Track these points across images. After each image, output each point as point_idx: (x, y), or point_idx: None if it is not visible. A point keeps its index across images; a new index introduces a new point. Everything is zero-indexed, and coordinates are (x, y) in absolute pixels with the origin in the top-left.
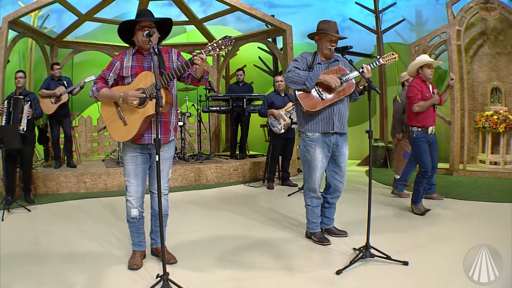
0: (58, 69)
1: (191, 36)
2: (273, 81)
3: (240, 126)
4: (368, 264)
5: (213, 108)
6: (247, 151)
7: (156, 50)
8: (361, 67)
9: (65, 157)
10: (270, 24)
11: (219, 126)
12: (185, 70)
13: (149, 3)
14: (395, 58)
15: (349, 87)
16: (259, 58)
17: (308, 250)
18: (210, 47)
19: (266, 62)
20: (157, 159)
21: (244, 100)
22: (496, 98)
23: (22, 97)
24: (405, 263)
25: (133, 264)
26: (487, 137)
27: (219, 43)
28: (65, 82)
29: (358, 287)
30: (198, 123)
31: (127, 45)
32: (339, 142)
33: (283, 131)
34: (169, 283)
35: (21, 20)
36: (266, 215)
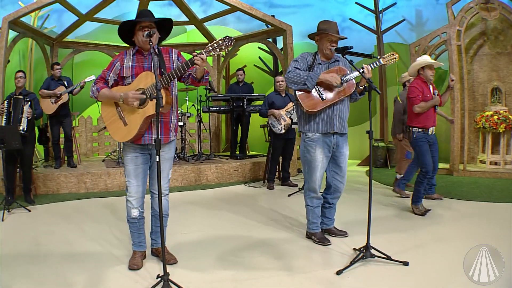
0: (59, 69)
1: (191, 36)
2: (273, 81)
3: (240, 126)
4: (368, 265)
5: (213, 108)
6: (247, 151)
7: (156, 50)
8: (362, 67)
9: (66, 157)
10: (270, 24)
11: (219, 126)
12: (186, 71)
13: (149, 3)
14: (395, 58)
15: (349, 88)
16: (259, 58)
17: (308, 251)
18: (211, 48)
19: (266, 62)
20: (158, 159)
21: (244, 100)
22: (496, 98)
23: (22, 97)
24: (406, 264)
25: (134, 264)
26: (487, 137)
27: (220, 43)
28: (65, 82)
29: (358, 287)
30: (198, 123)
31: (127, 45)
32: (339, 142)
33: (283, 131)
34: (170, 283)
35: (21, 20)
36: (266, 215)
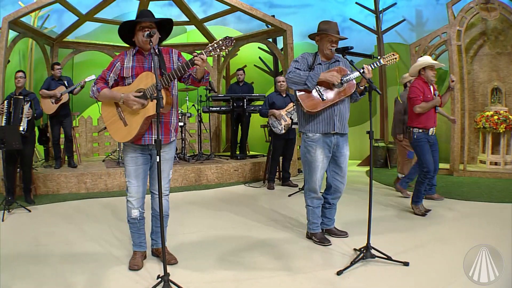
0: (59, 69)
1: (192, 36)
2: (273, 81)
3: (241, 126)
4: (368, 265)
5: (213, 109)
6: (248, 152)
7: (156, 50)
8: (362, 67)
9: (66, 157)
10: (270, 24)
11: (219, 127)
12: (186, 71)
13: (150, 3)
14: (395, 58)
15: (350, 88)
16: (259, 58)
17: (308, 251)
18: (211, 48)
19: (267, 62)
20: (158, 159)
21: (245, 100)
22: (497, 99)
23: (22, 97)
24: (406, 264)
25: (134, 264)
26: (488, 137)
27: (220, 43)
28: (65, 82)
29: (359, 287)
30: (198, 124)
31: (128, 45)
32: (339, 142)
33: (283, 131)
34: (170, 283)
35: (21, 20)
36: (266, 216)
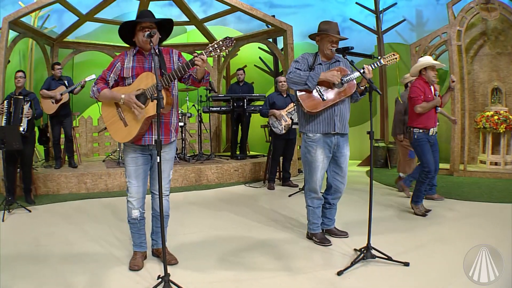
0: (59, 69)
1: (192, 36)
2: (273, 81)
3: (241, 126)
4: (369, 265)
5: (213, 109)
6: (248, 152)
7: (156, 50)
8: (362, 67)
9: (66, 158)
10: (270, 24)
11: (219, 127)
12: (186, 71)
13: (150, 3)
14: (396, 58)
15: (350, 88)
16: (259, 58)
17: (309, 251)
18: (211, 48)
19: (267, 62)
20: (158, 160)
21: (245, 100)
22: (497, 99)
23: (22, 97)
24: (406, 264)
25: (134, 265)
26: (488, 137)
27: (220, 44)
28: (66, 82)
29: (359, 287)
30: (198, 124)
31: (128, 45)
32: (340, 142)
33: (283, 131)
34: (170, 284)
35: (21, 20)
36: (266, 216)
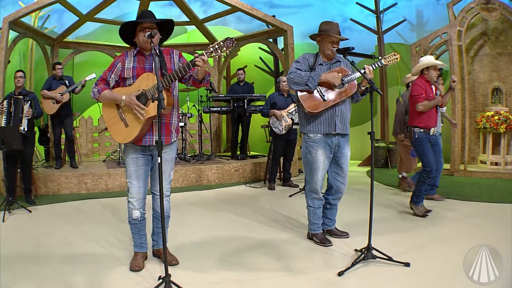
0: (60, 69)
1: (192, 36)
2: (274, 81)
3: (241, 126)
4: (369, 266)
5: (214, 109)
6: (248, 152)
7: (157, 51)
8: (363, 68)
9: (66, 158)
10: (271, 24)
11: (220, 127)
12: (187, 72)
13: (150, 4)
14: (396, 58)
15: (351, 88)
16: (260, 58)
17: (309, 252)
18: (212, 49)
19: (267, 62)
20: (159, 161)
21: (245, 100)
22: (497, 99)
23: (22, 97)
24: (407, 265)
25: (135, 265)
26: (488, 137)
27: (221, 44)
28: (66, 82)
29: None
30: (199, 124)
31: (128, 45)
32: (341, 143)
33: (284, 132)
34: (171, 284)
35: (21, 20)
36: (267, 216)
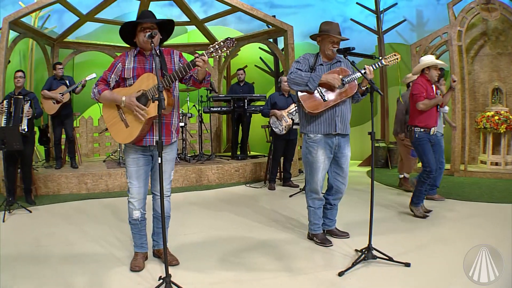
0: (61, 69)
1: (192, 36)
2: (274, 81)
3: (241, 126)
4: (370, 266)
5: (214, 109)
6: (248, 152)
7: (157, 51)
8: (364, 68)
9: (67, 158)
10: (271, 24)
11: (220, 127)
12: (187, 72)
13: (150, 4)
14: (397, 59)
15: (351, 88)
16: (260, 58)
17: (310, 252)
18: (212, 49)
19: (267, 62)
20: (160, 161)
21: (245, 100)
22: (497, 99)
23: (22, 97)
24: (407, 265)
25: (135, 266)
26: (488, 137)
27: (221, 44)
28: (67, 82)
29: None
30: (199, 124)
31: (128, 45)
32: (341, 143)
33: (284, 132)
34: (172, 285)
35: (21, 20)
36: (267, 216)
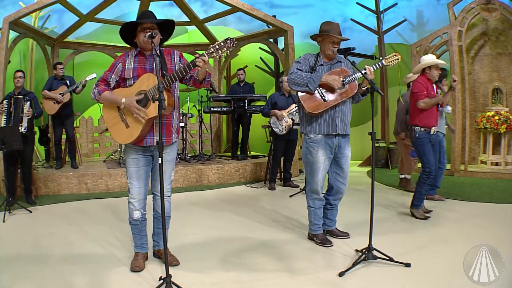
0: (61, 69)
1: (192, 36)
2: (274, 81)
3: (242, 126)
4: (370, 266)
5: (214, 109)
6: (249, 152)
7: (158, 51)
8: (364, 68)
9: (67, 158)
10: (271, 24)
11: (220, 127)
12: (187, 72)
13: (150, 4)
14: (398, 59)
15: (351, 89)
16: (260, 58)
17: (310, 252)
18: (212, 49)
19: (267, 62)
20: (160, 161)
21: (246, 100)
22: (497, 99)
23: (22, 97)
24: (408, 265)
25: (136, 266)
26: (488, 137)
27: (221, 45)
28: (67, 82)
29: None
30: (199, 124)
31: (128, 46)
32: (341, 143)
33: (284, 132)
34: (172, 285)
35: (22, 20)
36: (268, 216)
